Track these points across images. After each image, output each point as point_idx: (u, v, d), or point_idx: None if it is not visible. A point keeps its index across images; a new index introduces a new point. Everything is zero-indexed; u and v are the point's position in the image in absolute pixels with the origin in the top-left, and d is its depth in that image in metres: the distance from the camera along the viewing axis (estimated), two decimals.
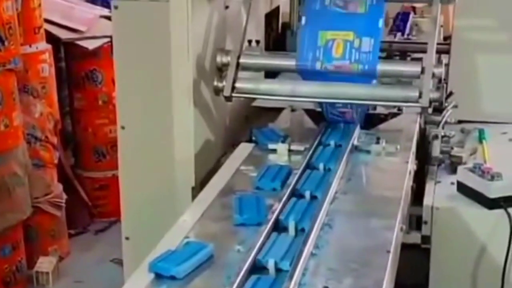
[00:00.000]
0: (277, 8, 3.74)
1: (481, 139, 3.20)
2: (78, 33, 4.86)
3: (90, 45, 4.81)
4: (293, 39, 3.62)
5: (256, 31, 3.28)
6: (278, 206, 2.10)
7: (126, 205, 2.84)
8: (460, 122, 3.27)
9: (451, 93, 3.22)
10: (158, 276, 1.83)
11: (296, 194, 2.23)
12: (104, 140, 5.02)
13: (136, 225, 2.81)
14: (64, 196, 4.61)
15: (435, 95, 2.53)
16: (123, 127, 2.75)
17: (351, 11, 2.66)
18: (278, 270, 1.82)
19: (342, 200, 2.25)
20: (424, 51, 3.56)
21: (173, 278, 1.81)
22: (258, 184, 2.33)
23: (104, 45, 4.83)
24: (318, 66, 2.62)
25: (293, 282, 1.71)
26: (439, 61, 2.64)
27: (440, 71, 2.55)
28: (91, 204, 5.10)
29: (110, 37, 4.62)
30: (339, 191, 2.29)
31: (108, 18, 4.80)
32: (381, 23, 2.65)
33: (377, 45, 2.61)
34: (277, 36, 3.71)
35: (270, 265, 1.82)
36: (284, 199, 2.15)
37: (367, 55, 2.60)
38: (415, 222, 2.75)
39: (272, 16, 3.63)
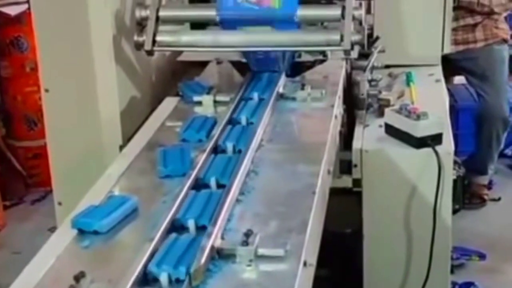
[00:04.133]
0: None
1: (408, 82, 3.22)
2: None
3: (13, 11, 4.68)
4: None
5: None
6: (202, 157, 2.07)
7: (56, 170, 2.80)
8: (388, 66, 3.28)
9: (377, 38, 3.23)
10: (81, 232, 1.79)
11: (221, 144, 2.20)
12: (34, 108, 4.88)
13: (67, 190, 2.76)
14: None
15: (356, 37, 2.51)
16: (47, 90, 2.70)
17: None
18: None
19: (267, 147, 2.23)
20: None
21: (96, 233, 1.78)
22: (184, 136, 2.30)
23: (27, 10, 4.70)
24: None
25: (217, 228, 1.69)
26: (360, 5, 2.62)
27: (360, 13, 2.54)
28: (25, 174, 5.00)
29: None
30: (265, 139, 2.27)
31: None
32: None
33: None
34: None
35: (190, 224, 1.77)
36: (209, 148, 2.13)
37: None
38: (346, 166, 2.76)
39: None
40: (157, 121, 2.49)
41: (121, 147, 2.67)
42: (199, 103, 2.59)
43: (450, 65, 3.90)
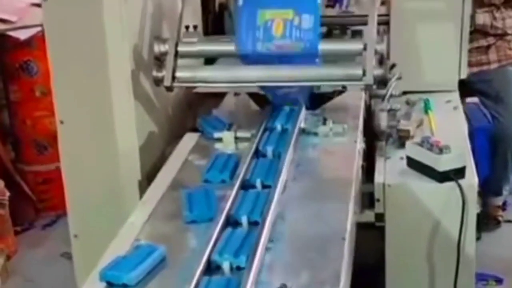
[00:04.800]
0: None
1: (426, 109, 3.19)
2: (9, 23, 4.69)
3: (23, 35, 4.65)
4: (232, 20, 3.55)
5: (193, 15, 3.19)
6: (228, 201, 2.04)
7: (72, 202, 2.76)
8: (404, 93, 3.26)
9: (394, 65, 3.19)
10: (110, 285, 1.76)
11: (246, 185, 2.17)
12: (44, 133, 4.85)
13: (83, 223, 2.74)
14: (7, 193, 4.47)
15: (379, 71, 2.49)
16: (62, 122, 2.67)
17: None
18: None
19: (292, 187, 2.20)
20: (364, 24, 3.55)
21: (125, 286, 1.75)
22: (206, 176, 2.27)
23: (37, 34, 4.68)
24: (259, 47, 2.56)
25: (250, 281, 1.66)
26: (380, 37, 2.59)
27: (383, 47, 2.51)
28: (35, 199, 4.96)
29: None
30: (289, 179, 2.24)
31: (40, 6, 4.65)
32: None
33: (317, 22, 2.56)
34: (215, 18, 3.62)
35: (225, 264, 1.77)
36: (234, 192, 2.09)
37: (308, 32, 2.54)
38: (367, 199, 2.73)
39: None
40: (178, 160, 2.46)
41: (140, 183, 2.65)
42: (220, 139, 2.56)
43: (464, 87, 3.86)
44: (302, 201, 2.14)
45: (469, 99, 4.83)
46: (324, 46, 2.53)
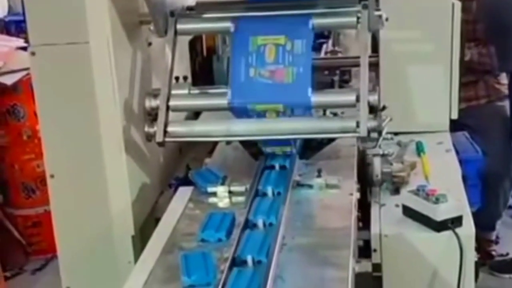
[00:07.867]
0: None
1: (419, 152, 3.17)
2: None
3: (9, 80, 4.63)
4: (220, 64, 3.54)
5: (181, 63, 3.16)
6: (226, 265, 2.01)
7: (64, 256, 2.73)
8: (395, 133, 3.24)
9: (384, 107, 3.18)
10: None
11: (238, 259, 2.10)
12: (32, 176, 4.87)
13: (76, 276, 2.72)
14: None
15: (372, 123, 2.48)
16: (52, 176, 2.64)
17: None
18: None
19: (290, 246, 2.17)
20: (353, 65, 3.54)
21: None
22: (202, 236, 2.24)
23: (23, 78, 4.66)
24: (251, 73, 2.54)
25: None
26: (373, 87, 2.58)
27: (375, 98, 2.50)
28: (25, 243, 4.94)
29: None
30: (287, 235, 2.21)
31: (25, 49, 4.63)
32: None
33: (309, 47, 2.55)
34: (203, 61, 3.61)
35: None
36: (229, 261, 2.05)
37: (300, 57, 2.53)
38: (363, 247, 2.70)
39: (195, 40, 3.53)
40: (172, 218, 2.41)
41: (133, 237, 2.62)
42: (214, 193, 2.53)
43: (453, 122, 3.86)
44: (301, 261, 2.10)
45: None
46: (317, 98, 2.51)
